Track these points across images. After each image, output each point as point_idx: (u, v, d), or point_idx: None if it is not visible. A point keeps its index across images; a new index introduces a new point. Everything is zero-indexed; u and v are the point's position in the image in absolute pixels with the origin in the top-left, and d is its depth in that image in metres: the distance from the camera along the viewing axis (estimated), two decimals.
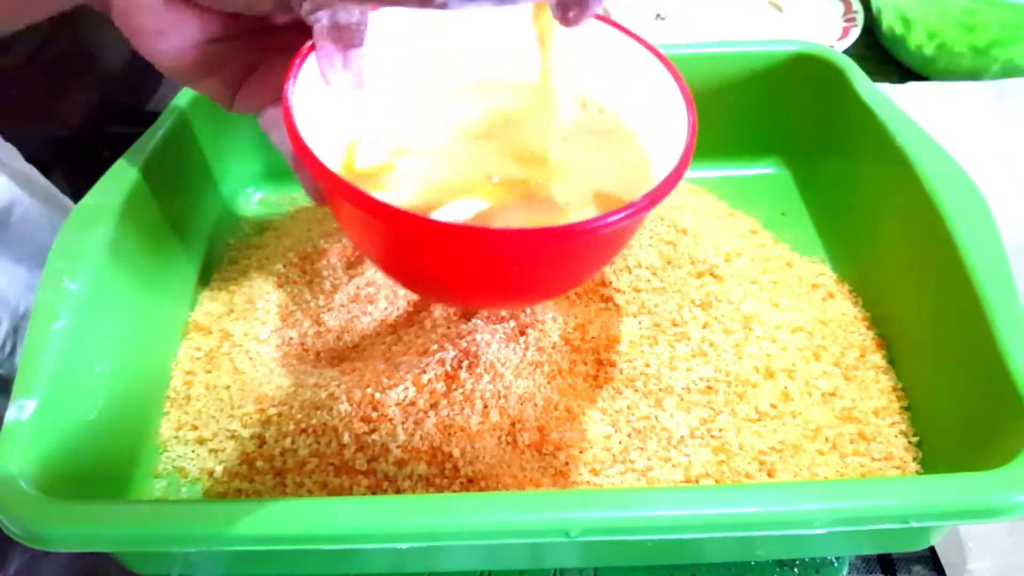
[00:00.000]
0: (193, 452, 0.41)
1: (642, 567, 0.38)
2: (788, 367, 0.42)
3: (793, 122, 0.55)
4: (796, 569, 0.38)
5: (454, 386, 0.40)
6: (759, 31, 0.73)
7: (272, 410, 0.41)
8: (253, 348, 0.44)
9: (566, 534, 0.29)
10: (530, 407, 0.39)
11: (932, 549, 0.40)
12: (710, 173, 0.56)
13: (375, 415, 0.39)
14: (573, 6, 0.28)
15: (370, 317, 0.45)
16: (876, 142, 0.46)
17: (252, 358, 0.44)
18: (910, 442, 0.40)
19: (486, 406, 0.39)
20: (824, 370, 0.43)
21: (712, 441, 0.39)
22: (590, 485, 0.37)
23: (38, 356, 0.35)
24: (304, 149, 0.29)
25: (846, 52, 0.60)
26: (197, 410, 0.43)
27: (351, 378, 0.41)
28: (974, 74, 0.65)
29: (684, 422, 0.39)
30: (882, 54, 0.72)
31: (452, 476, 0.37)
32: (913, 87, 0.62)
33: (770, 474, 0.38)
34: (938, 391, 0.40)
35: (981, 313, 0.36)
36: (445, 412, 0.39)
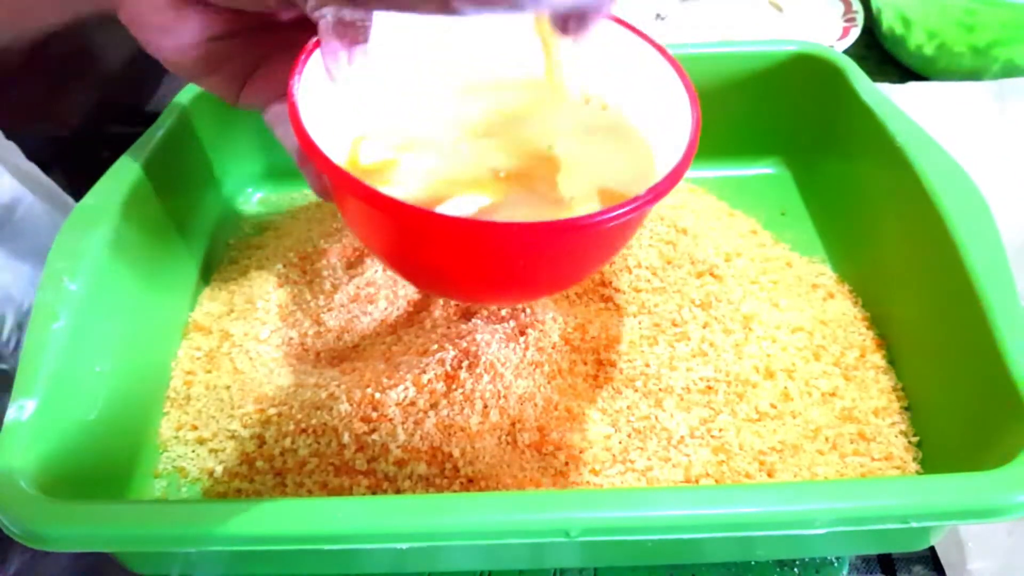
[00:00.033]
0: (193, 452, 0.41)
1: (642, 567, 0.38)
2: (788, 367, 0.42)
3: (793, 122, 0.55)
4: (796, 569, 0.38)
5: (454, 386, 0.40)
6: (759, 31, 0.73)
7: (272, 410, 0.41)
8: (253, 348, 0.44)
9: (566, 534, 0.29)
10: (530, 407, 0.39)
11: (932, 549, 0.40)
12: (710, 173, 0.56)
13: (375, 415, 0.39)
14: (572, 21, 0.27)
15: (370, 317, 0.45)
16: (876, 142, 0.46)
17: (252, 358, 0.44)
18: (910, 442, 0.40)
19: (486, 406, 0.39)
20: (824, 370, 0.43)
21: (712, 441, 0.39)
22: (590, 485, 0.37)
23: (38, 356, 0.35)
24: (310, 144, 0.29)
25: (846, 52, 0.60)
26: (197, 410, 0.43)
27: (351, 378, 0.41)
28: (974, 74, 0.65)
29: (684, 422, 0.39)
30: (882, 54, 0.72)
31: (452, 476, 0.37)
32: (913, 87, 0.62)
33: (770, 474, 0.38)
34: (938, 391, 0.40)
35: (981, 313, 0.36)
36: (445, 412, 0.39)
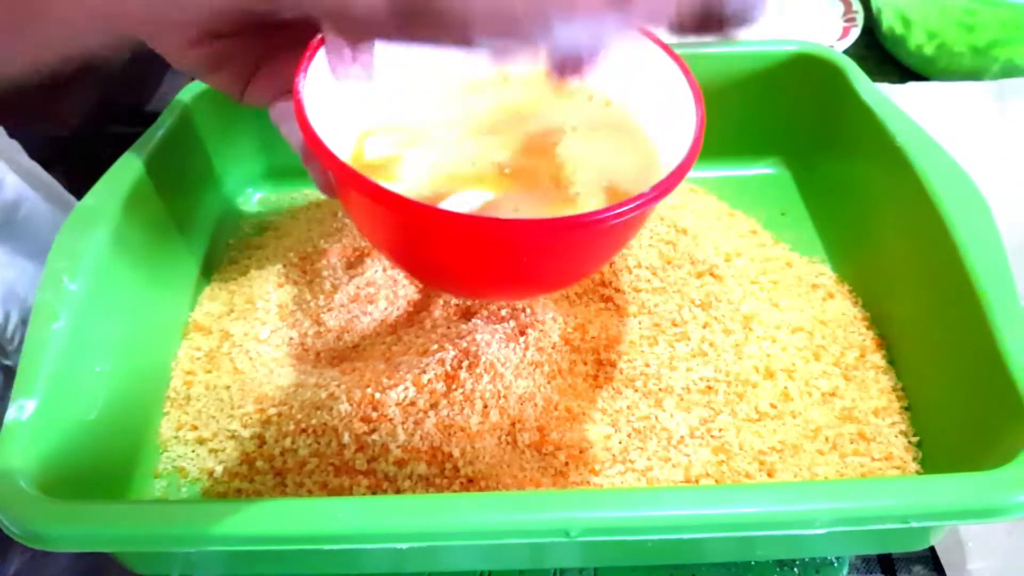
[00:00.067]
0: (193, 452, 0.41)
1: (642, 567, 0.38)
2: (788, 367, 0.42)
3: (793, 122, 0.55)
4: (796, 569, 0.38)
5: (454, 386, 0.40)
6: (759, 31, 0.73)
7: (272, 410, 0.41)
8: (253, 348, 0.44)
9: (566, 534, 0.29)
10: (530, 407, 0.39)
11: (932, 549, 0.40)
12: (710, 173, 0.56)
13: (375, 415, 0.39)
14: (568, 71, 0.27)
15: (370, 317, 0.45)
16: (876, 142, 0.46)
17: (252, 358, 0.44)
18: (910, 442, 0.40)
19: (486, 406, 0.39)
20: (824, 370, 0.43)
21: (712, 441, 0.39)
22: (590, 485, 0.37)
23: (38, 356, 0.35)
24: (315, 140, 0.29)
25: (846, 52, 0.60)
26: (197, 410, 0.43)
27: (351, 378, 0.41)
28: (974, 74, 0.65)
29: (684, 422, 0.39)
30: (882, 54, 0.72)
31: (452, 476, 0.37)
32: (913, 87, 0.62)
33: (770, 474, 0.38)
34: (938, 391, 0.40)
35: (981, 313, 0.36)
36: (445, 412, 0.39)
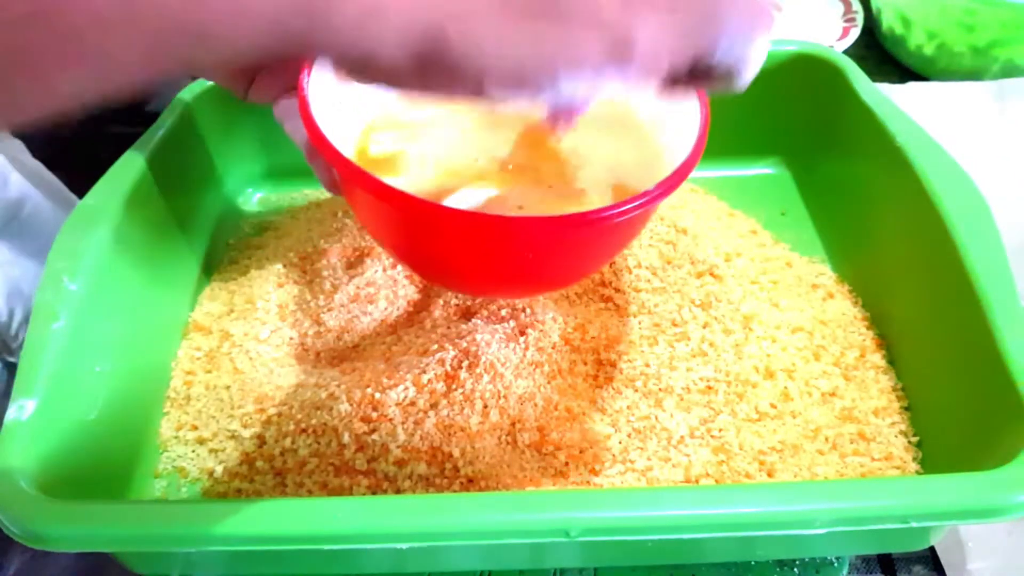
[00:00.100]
0: (193, 452, 0.41)
1: (642, 567, 0.38)
2: (788, 367, 0.42)
3: (793, 122, 0.55)
4: (796, 569, 0.38)
5: (454, 386, 0.40)
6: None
7: (272, 410, 0.41)
8: (253, 348, 0.44)
9: (566, 534, 0.29)
10: (530, 407, 0.39)
11: (932, 549, 0.40)
12: (710, 173, 0.56)
13: (375, 415, 0.39)
14: (563, 121, 0.29)
15: (370, 317, 0.45)
16: (876, 142, 0.46)
17: (252, 358, 0.44)
18: (910, 442, 0.40)
19: (486, 406, 0.39)
20: (824, 370, 0.43)
21: (712, 441, 0.39)
22: (590, 485, 0.37)
23: (38, 356, 0.35)
24: (320, 137, 0.29)
25: (846, 52, 0.60)
26: (197, 410, 0.43)
27: (351, 378, 0.41)
28: (974, 74, 0.65)
29: (684, 422, 0.39)
30: (882, 54, 0.72)
31: (452, 476, 0.37)
32: (913, 87, 0.62)
33: (770, 474, 0.38)
34: (938, 391, 0.40)
35: (981, 313, 0.36)
36: (445, 412, 0.39)
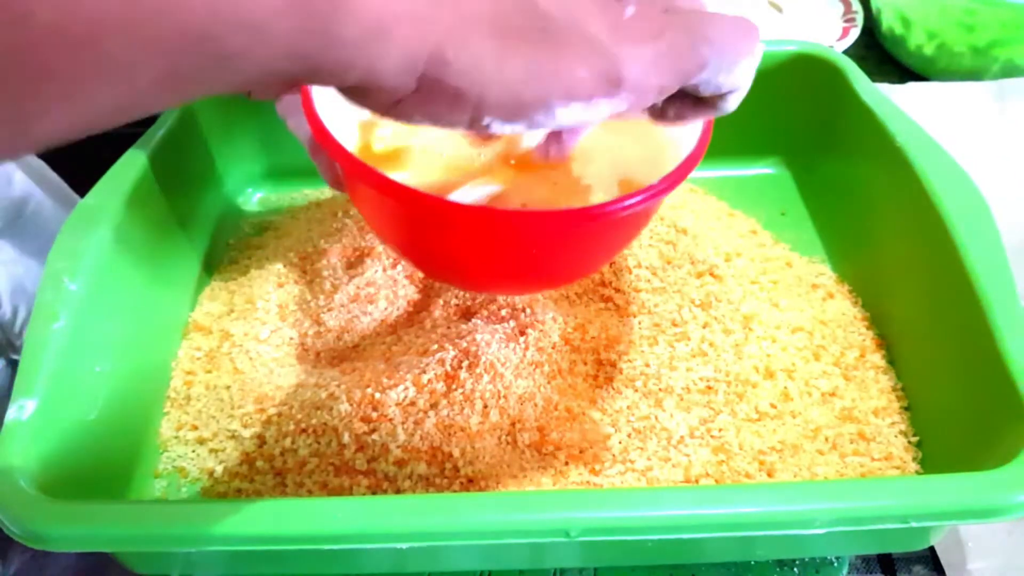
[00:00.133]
0: (193, 452, 0.41)
1: (642, 567, 0.38)
2: (788, 367, 0.42)
3: (793, 122, 0.55)
4: (796, 569, 0.38)
5: (454, 386, 0.40)
6: (759, 31, 0.72)
7: (272, 410, 0.41)
8: (253, 348, 0.44)
9: (566, 534, 0.29)
10: (530, 407, 0.39)
11: (932, 549, 0.40)
12: (710, 173, 0.56)
13: (375, 415, 0.39)
14: (554, 153, 0.30)
15: (370, 317, 0.45)
16: (876, 142, 0.46)
17: (252, 358, 0.44)
18: (910, 442, 0.40)
19: (486, 406, 0.39)
20: (824, 370, 0.43)
21: (712, 441, 0.39)
22: (590, 485, 0.37)
23: (38, 356, 0.35)
24: (323, 132, 0.29)
25: (846, 52, 0.60)
26: (197, 410, 0.43)
27: (351, 378, 0.41)
28: (974, 74, 0.65)
29: (684, 422, 0.39)
30: (882, 54, 0.72)
31: (452, 476, 0.37)
32: (913, 87, 0.62)
33: (770, 474, 0.38)
34: (938, 391, 0.40)
35: (981, 313, 0.36)
36: (445, 412, 0.39)
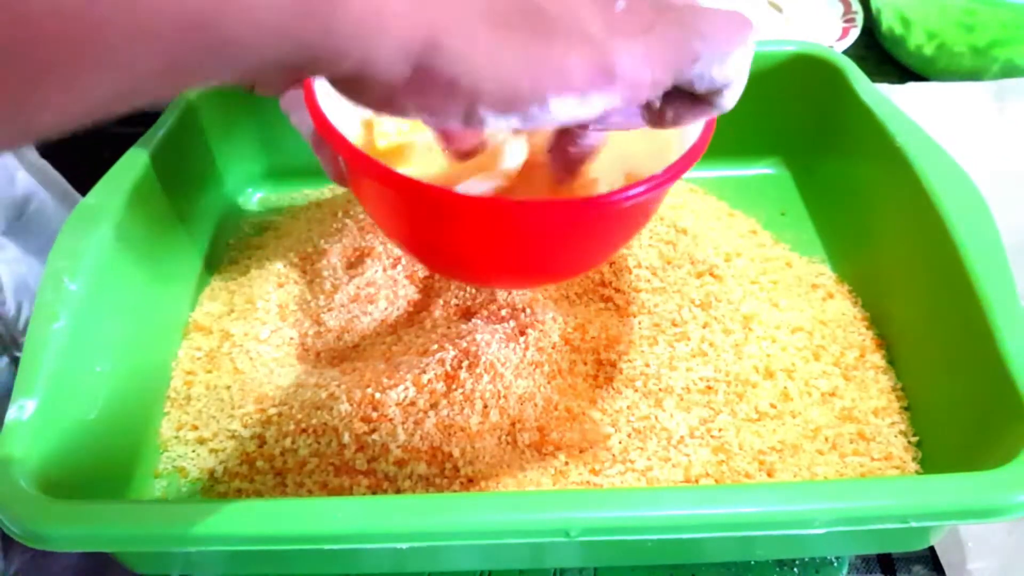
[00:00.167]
0: (193, 452, 0.41)
1: (642, 567, 0.38)
2: (788, 367, 0.42)
3: (793, 122, 0.55)
4: (796, 569, 0.38)
5: (454, 386, 0.40)
6: (759, 31, 0.72)
7: (272, 410, 0.41)
8: (253, 348, 0.44)
9: (566, 534, 0.29)
10: (530, 407, 0.39)
11: (932, 549, 0.40)
12: (710, 173, 0.56)
13: (375, 415, 0.39)
14: (572, 166, 0.31)
15: (370, 317, 0.45)
16: (876, 142, 0.46)
17: (252, 358, 0.44)
18: (910, 442, 0.40)
19: (486, 406, 0.39)
20: (824, 370, 0.43)
21: (712, 441, 0.39)
22: (590, 485, 0.37)
23: (38, 356, 0.35)
24: (327, 126, 0.29)
25: (846, 52, 0.61)
26: (197, 410, 0.43)
27: (351, 378, 0.41)
28: (974, 74, 0.65)
29: (684, 422, 0.39)
30: (882, 54, 0.72)
31: (452, 476, 0.37)
32: (913, 87, 0.62)
33: (770, 474, 0.38)
34: (938, 391, 0.40)
35: (981, 313, 0.36)
36: (445, 412, 0.39)
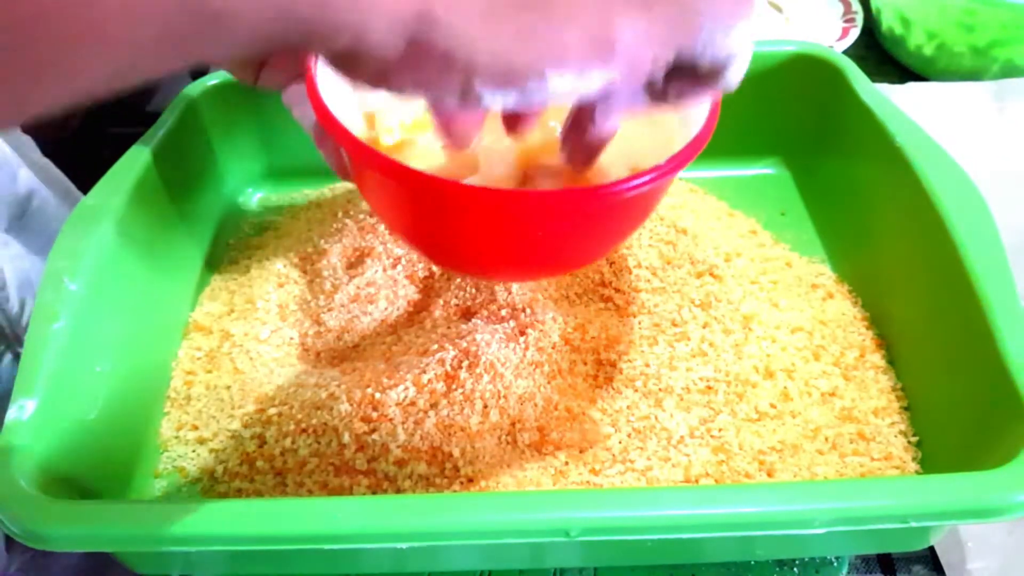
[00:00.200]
0: (193, 452, 0.41)
1: (642, 567, 0.38)
2: (788, 367, 0.42)
3: (793, 122, 0.55)
4: (796, 569, 0.38)
5: (454, 386, 0.40)
6: (759, 31, 0.73)
7: (272, 410, 0.41)
8: (253, 348, 0.44)
9: (566, 534, 0.30)
10: (530, 407, 0.39)
11: (932, 549, 0.40)
12: (710, 173, 0.56)
13: (375, 415, 0.39)
14: (590, 157, 0.30)
15: (370, 317, 0.45)
16: (876, 142, 0.46)
17: (252, 358, 0.44)
18: (910, 442, 0.40)
19: (486, 406, 0.39)
20: (824, 370, 0.43)
21: (712, 441, 0.39)
22: (590, 485, 0.37)
23: (38, 356, 0.35)
24: (330, 119, 0.29)
25: (846, 52, 0.60)
26: (197, 410, 0.43)
27: (351, 378, 0.41)
28: (974, 74, 0.65)
29: (684, 422, 0.39)
30: (882, 54, 0.72)
31: (452, 476, 0.37)
32: (913, 87, 0.62)
33: (770, 474, 0.38)
34: (938, 391, 0.40)
35: (981, 313, 0.36)
36: (445, 412, 0.39)
